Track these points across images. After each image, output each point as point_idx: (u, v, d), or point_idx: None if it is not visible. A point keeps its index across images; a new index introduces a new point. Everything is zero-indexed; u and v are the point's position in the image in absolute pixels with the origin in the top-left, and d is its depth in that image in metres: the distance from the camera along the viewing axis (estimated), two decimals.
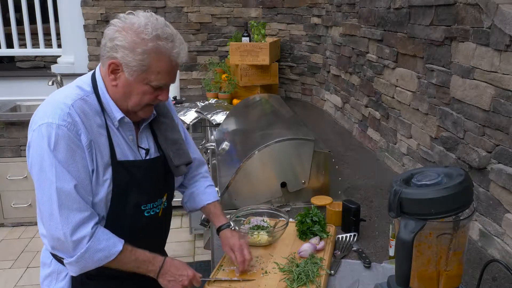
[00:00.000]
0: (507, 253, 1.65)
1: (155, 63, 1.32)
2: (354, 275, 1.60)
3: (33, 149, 1.33)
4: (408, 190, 1.17)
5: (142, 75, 1.33)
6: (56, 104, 1.33)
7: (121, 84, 1.35)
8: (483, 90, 1.75)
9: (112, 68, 1.33)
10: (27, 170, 1.33)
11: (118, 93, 1.37)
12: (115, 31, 1.32)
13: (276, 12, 4.53)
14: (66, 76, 4.58)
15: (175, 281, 1.43)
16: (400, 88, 2.53)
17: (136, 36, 1.30)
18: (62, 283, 1.48)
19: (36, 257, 3.74)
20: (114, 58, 1.32)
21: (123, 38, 1.30)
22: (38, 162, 1.30)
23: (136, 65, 1.31)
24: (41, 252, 1.57)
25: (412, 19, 2.35)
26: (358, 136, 3.25)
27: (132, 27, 1.31)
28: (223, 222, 1.66)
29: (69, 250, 1.32)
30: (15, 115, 4.20)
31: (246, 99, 3.25)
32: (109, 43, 1.32)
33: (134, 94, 1.36)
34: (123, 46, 1.30)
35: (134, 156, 1.45)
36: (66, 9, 4.53)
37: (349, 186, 2.40)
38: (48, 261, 1.51)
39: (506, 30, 1.59)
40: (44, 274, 1.54)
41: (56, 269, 1.49)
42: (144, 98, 1.37)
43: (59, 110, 1.31)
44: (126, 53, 1.30)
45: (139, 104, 1.38)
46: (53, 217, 1.30)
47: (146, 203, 1.47)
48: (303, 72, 4.43)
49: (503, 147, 1.65)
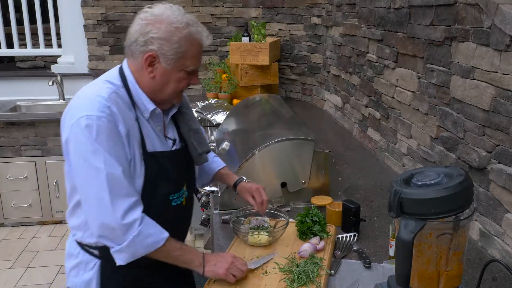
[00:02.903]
0: (507, 253, 1.65)
1: (189, 48, 1.39)
2: (354, 275, 1.60)
3: (74, 142, 1.34)
4: (408, 190, 1.17)
5: (178, 62, 1.39)
6: (92, 98, 1.35)
7: (159, 74, 1.40)
8: (483, 90, 1.75)
9: (150, 60, 1.38)
10: (27, 170, 1.34)
11: (157, 84, 1.42)
12: (146, 26, 1.36)
13: (276, 12, 4.53)
14: (66, 76, 4.59)
15: (221, 262, 1.47)
16: (400, 88, 2.53)
17: (169, 26, 1.36)
18: (91, 273, 1.49)
19: (36, 257, 3.75)
20: (151, 50, 1.37)
21: (157, 30, 1.35)
22: (81, 154, 1.32)
23: (172, 53, 1.37)
24: (67, 243, 1.58)
25: (412, 19, 2.35)
26: (358, 136, 3.25)
27: (162, 18, 1.36)
28: (237, 178, 1.82)
29: (119, 236, 1.33)
30: (15, 115, 4.21)
31: (246, 99, 3.25)
32: (141, 37, 1.37)
33: (172, 81, 1.42)
34: (159, 37, 1.35)
35: (162, 147, 1.49)
36: (66, 9, 4.53)
37: (349, 186, 2.40)
38: (75, 251, 1.52)
39: (506, 30, 1.59)
40: (70, 265, 1.54)
41: (84, 260, 1.50)
42: (180, 84, 1.44)
43: (97, 102, 1.33)
44: (162, 44, 1.35)
45: (176, 91, 1.45)
46: (103, 204, 1.32)
47: (174, 193, 1.51)
48: (303, 72, 4.43)
49: (503, 147, 1.65)
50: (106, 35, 4.53)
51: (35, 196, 4.18)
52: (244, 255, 1.68)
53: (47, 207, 4.22)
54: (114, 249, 1.36)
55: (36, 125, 4.07)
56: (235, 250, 1.72)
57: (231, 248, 1.73)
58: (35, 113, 4.32)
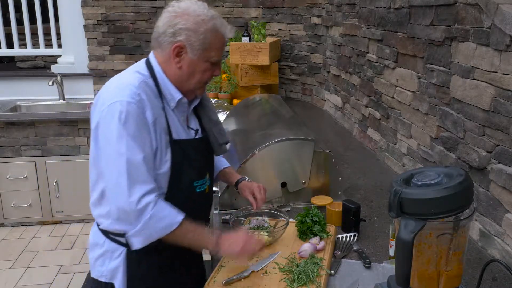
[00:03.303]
0: (507, 253, 1.65)
1: (214, 39, 1.46)
2: (354, 275, 1.60)
3: (103, 126, 1.39)
4: (408, 190, 1.17)
5: (204, 53, 1.45)
6: (124, 85, 1.41)
7: (186, 65, 1.46)
8: (483, 90, 1.75)
9: (177, 51, 1.44)
10: (27, 170, 1.35)
11: (183, 75, 1.48)
12: (174, 18, 1.43)
13: (276, 12, 4.53)
14: (66, 76, 4.58)
15: (236, 241, 1.49)
16: (400, 88, 2.53)
17: (196, 18, 1.43)
18: (117, 261, 1.51)
19: (36, 257, 3.75)
20: (178, 41, 1.43)
21: (185, 22, 1.42)
22: (108, 138, 1.37)
23: (199, 44, 1.43)
24: (91, 234, 1.61)
25: (412, 19, 2.35)
26: (358, 136, 3.25)
27: (189, 11, 1.43)
28: (239, 177, 1.84)
29: (133, 220, 1.37)
30: (15, 115, 4.20)
31: (246, 99, 3.25)
32: (170, 29, 1.43)
33: (197, 72, 1.48)
34: (187, 29, 1.42)
35: (186, 136, 1.55)
36: (66, 9, 4.53)
37: (349, 186, 2.40)
38: (101, 241, 1.55)
39: (506, 30, 1.59)
40: (95, 255, 1.57)
41: (110, 248, 1.52)
42: (205, 75, 1.50)
43: (128, 89, 1.39)
44: (190, 34, 1.42)
45: (201, 81, 1.51)
46: (120, 187, 1.36)
47: (198, 180, 1.56)
48: (303, 72, 4.43)
49: (503, 147, 1.65)
50: (106, 35, 4.53)
51: (35, 196, 4.18)
52: None
53: (47, 207, 4.22)
54: (130, 233, 1.39)
55: (36, 125, 4.07)
56: None
57: None
58: (35, 113, 4.31)
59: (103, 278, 1.54)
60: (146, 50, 4.59)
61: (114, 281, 1.53)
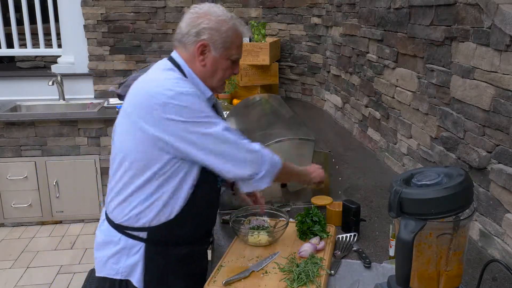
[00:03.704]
0: (507, 253, 1.65)
1: (235, 38, 1.55)
2: (354, 275, 1.60)
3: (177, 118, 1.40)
4: (408, 190, 1.17)
5: (226, 51, 1.54)
6: (173, 80, 1.46)
7: (209, 62, 1.54)
8: (483, 90, 1.75)
9: (201, 49, 1.52)
10: (27, 170, 1.34)
11: (207, 72, 1.55)
12: (197, 19, 1.52)
13: (276, 12, 4.53)
14: (66, 76, 4.58)
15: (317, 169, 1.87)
16: (400, 88, 2.53)
17: (218, 18, 1.53)
18: (136, 256, 1.53)
19: (36, 257, 3.75)
20: (202, 40, 1.51)
21: (208, 21, 1.51)
22: (194, 125, 1.42)
23: (221, 42, 1.52)
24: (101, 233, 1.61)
25: (412, 19, 2.35)
26: (358, 136, 3.25)
27: (211, 12, 1.53)
28: None
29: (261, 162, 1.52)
30: (15, 115, 4.20)
31: (246, 99, 3.24)
32: (193, 29, 1.51)
33: (220, 69, 1.56)
34: (210, 28, 1.51)
35: None
36: (66, 9, 4.53)
37: (349, 186, 2.40)
38: (115, 238, 1.55)
39: (506, 30, 1.59)
40: (109, 253, 1.57)
41: (128, 245, 1.54)
42: (226, 73, 1.59)
43: (181, 82, 1.47)
44: (212, 33, 1.51)
45: (222, 79, 1.59)
46: (239, 146, 1.48)
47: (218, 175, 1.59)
48: (303, 72, 4.43)
49: (503, 147, 1.65)
50: (106, 35, 4.53)
51: (35, 196, 4.18)
52: (244, 255, 1.68)
53: (47, 207, 4.22)
54: (260, 175, 1.52)
55: (36, 125, 4.07)
56: (235, 250, 1.72)
57: (231, 248, 1.73)
58: (35, 113, 4.31)
59: (118, 275, 1.55)
60: (146, 50, 4.59)
61: (131, 277, 1.54)
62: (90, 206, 4.28)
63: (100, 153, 4.15)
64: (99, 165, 4.17)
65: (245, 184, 1.56)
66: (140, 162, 1.47)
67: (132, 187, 1.50)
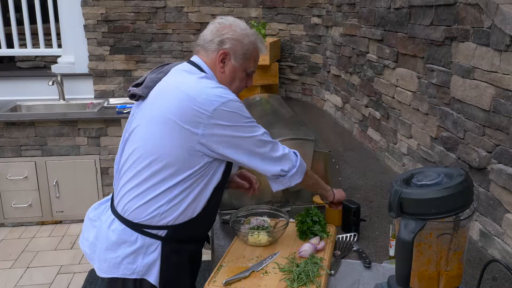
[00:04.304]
0: (507, 253, 1.65)
1: (254, 52, 1.65)
2: (354, 275, 1.60)
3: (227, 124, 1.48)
4: (408, 190, 1.17)
5: (244, 62, 1.63)
6: (219, 89, 1.52)
7: (228, 70, 1.62)
8: (483, 90, 1.75)
9: (222, 57, 1.60)
10: (27, 170, 1.34)
11: (226, 79, 1.63)
12: (222, 29, 1.61)
13: (276, 12, 4.53)
14: (66, 76, 4.58)
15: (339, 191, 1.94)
16: (400, 88, 2.53)
17: (242, 32, 1.62)
18: (153, 255, 1.55)
19: (36, 257, 3.75)
20: (225, 49, 1.59)
21: (233, 33, 1.60)
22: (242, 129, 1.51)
23: (242, 54, 1.61)
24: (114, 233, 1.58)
25: (412, 19, 2.35)
26: (358, 136, 3.25)
27: (235, 25, 1.63)
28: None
29: (294, 159, 1.65)
30: (15, 115, 4.20)
31: (246, 99, 3.24)
32: (217, 38, 1.60)
33: (237, 79, 1.65)
34: (233, 38, 1.60)
35: None
36: (66, 9, 4.53)
37: (349, 186, 2.40)
38: (132, 238, 1.55)
39: (506, 30, 1.59)
40: (124, 253, 1.55)
41: (145, 244, 1.54)
42: (242, 83, 1.67)
43: (224, 89, 1.53)
44: (235, 44, 1.60)
45: (238, 89, 1.66)
46: (275, 148, 1.60)
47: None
48: (303, 72, 4.43)
49: (503, 147, 1.65)
50: (106, 35, 4.53)
51: (35, 196, 4.18)
52: (244, 255, 1.68)
53: (47, 207, 4.22)
54: (292, 171, 1.62)
55: (36, 125, 4.07)
56: (235, 250, 1.72)
57: (231, 248, 1.73)
58: (35, 113, 4.31)
59: (134, 275, 1.54)
60: (146, 50, 4.59)
61: (148, 276, 1.54)
62: (90, 206, 4.28)
63: (100, 153, 4.15)
64: (99, 165, 4.17)
65: (277, 183, 1.64)
66: (175, 165, 1.49)
67: (161, 188, 1.50)
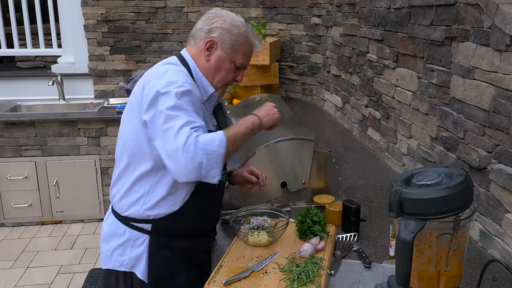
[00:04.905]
0: (507, 253, 1.65)
1: (244, 45, 1.61)
2: (354, 275, 1.60)
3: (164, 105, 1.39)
4: (408, 190, 1.17)
5: (232, 54, 1.59)
6: (174, 73, 1.48)
7: (214, 59, 1.59)
8: (483, 90, 1.75)
9: (209, 45, 1.58)
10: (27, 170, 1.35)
11: (210, 68, 1.60)
12: (213, 18, 1.60)
13: (276, 12, 4.53)
14: (66, 76, 4.58)
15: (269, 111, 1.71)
16: (400, 88, 2.53)
17: (233, 23, 1.60)
18: (140, 248, 1.57)
19: (36, 257, 3.75)
20: (212, 37, 1.58)
21: (222, 22, 1.59)
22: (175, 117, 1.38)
23: (229, 44, 1.58)
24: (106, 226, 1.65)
25: (412, 19, 2.35)
26: (358, 136, 3.25)
27: (228, 16, 1.61)
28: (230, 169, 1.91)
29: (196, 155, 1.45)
30: (15, 115, 4.20)
31: (246, 99, 3.24)
32: (206, 26, 1.59)
33: (222, 69, 1.61)
34: (222, 28, 1.58)
35: (212, 128, 1.63)
36: (66, 9, 4.53)
37: (349, 186, 2.40)
38: (120, 230, 1.59)
39: (506, 30, 1.59)
40: (114, 245, 1.61)
41: (132, 237, 1.58)
42: (228, 75, 1.63)
43: (181, 75, 1.48)
44: (223, 33, 1.57)
45: (224, 80, 1.63)
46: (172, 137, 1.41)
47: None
48: (303, 72, 4.43)
49: (503, 147, 1.65)
50: (106, 35, 4.53)
51: (35, 196, 4.18)
52: (244, 255, 1.68)
53: (47, 207, 4.22)
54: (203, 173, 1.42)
55: (36, 125, 4.07)
56: (235, 250, 1.72)
57: (231, 248, 1.73)
58: (35, 113, 4.31)
59: (122, 267, 1.58)
60: (146, 50, 4.59)
61: (135, 269, 1.58)
62: (90, 206, 4.28)
63: (100, 153, 4.15)
64: (99, 165, 4.17)
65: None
66: (140, 155, 1.50)
67: (134, 179, 1.53)
